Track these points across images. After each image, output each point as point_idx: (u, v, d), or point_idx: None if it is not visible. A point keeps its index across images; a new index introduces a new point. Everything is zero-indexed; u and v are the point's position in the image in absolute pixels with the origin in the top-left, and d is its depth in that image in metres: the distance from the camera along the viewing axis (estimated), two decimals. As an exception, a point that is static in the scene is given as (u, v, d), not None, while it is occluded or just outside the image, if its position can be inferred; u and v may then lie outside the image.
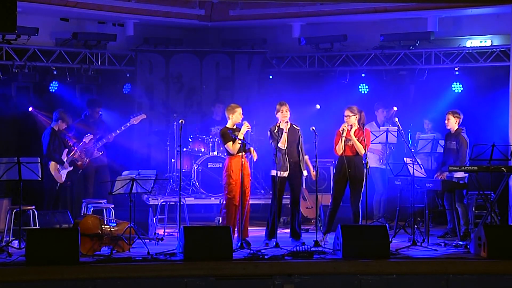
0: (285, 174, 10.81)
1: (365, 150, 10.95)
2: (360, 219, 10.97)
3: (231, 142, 10.71)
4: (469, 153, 11.33)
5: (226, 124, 10.95)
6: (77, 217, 10.93)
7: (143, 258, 9.58)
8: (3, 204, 12.78)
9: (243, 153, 10.72)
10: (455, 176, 11.36)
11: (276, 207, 10.78)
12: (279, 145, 10.71)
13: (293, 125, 10.96)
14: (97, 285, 9.01)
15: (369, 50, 14.50)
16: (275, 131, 10.81)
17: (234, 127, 10.86)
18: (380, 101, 13.35)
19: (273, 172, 10.81)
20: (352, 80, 14.47)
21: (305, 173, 11.02)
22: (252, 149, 10.90)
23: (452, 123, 11.60)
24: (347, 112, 11.04)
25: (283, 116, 10.82)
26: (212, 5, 14.80)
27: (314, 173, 11.13)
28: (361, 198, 10.97)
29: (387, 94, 14.34)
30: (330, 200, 11.11)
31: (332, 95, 14.37)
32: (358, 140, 10.91)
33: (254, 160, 11.06)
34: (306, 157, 11.10)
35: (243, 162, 10.66)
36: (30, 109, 13.49)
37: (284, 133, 10.73)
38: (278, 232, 10.79)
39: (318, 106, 14.42)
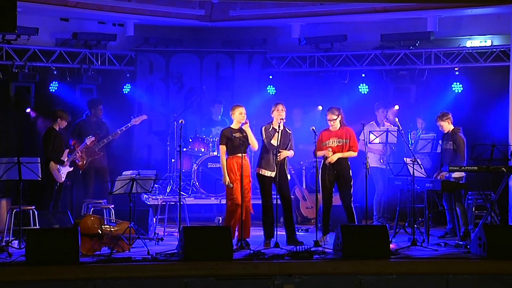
0: (272, 174, 10.79)
1: (352, 151, 10.95)
2: (355, 218, 10.96)
3: (224, 147, 10.70)
4: (467, 153, 11.34)
5: (229, 124, 10.99)
6: (77, 217, 10.92)
7: (143, 258, 9.59)
8: (3, 204, 12.77)
9: (244, 154, 10.72)
10: (452, 176, 11.35)
11: (266, 207, 10.82)
12: (272, 141, 10.71)
13: (286, 128, 10.95)
14: (97, 285, 9.01)
15: (369, 50, 14.50)
16: (269, 130, 10.82)
17: (238, 127, 10.86)
18: (380, 101, 13.35)
19: (259, 171, 10.84)
20: (352, 80, 14.47)
21: (288, 176, 11.00)
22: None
23: (445, 125, 11.60)
24: (330, 116, 11.00)
25: (278, 115, 10.80)
26: (212, 5, 14.80)
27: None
28: (352, 198, 10.97)
29: (387, 94, 14.35)
30: (321, 202, 11.07)
31: (332, 95, 14.36)
32: (345, 139, 10.92)
33: (254, 149, 10.99)
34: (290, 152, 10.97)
35: (242, 163, 10.67)
36: (28, 110, 13.50)
37: (276, 132, 10.72)
38: (277, 232, 10.78)
39: (320, 107, 14.39)
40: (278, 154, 10.70)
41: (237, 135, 10.70)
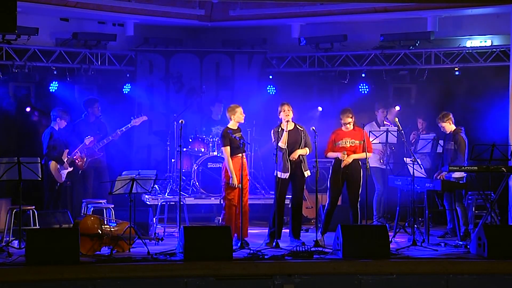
0: (286, 175, 10.78)
1: (367, 151, 10.93)
2: (359, 219, 10.97)
3: (228, 147, 10.70)
4: (468, 153, 11.34)
5: (227, 124, 10.97)
6: (77, 217, 10.93)
7: (143, 258, 9.58)
8: (3, 204, 12.77)
9: (243, 153, 10.73)
10: (453, 176, 11.36)
11: (278, 209, 10.77)
12: (280, 144, 10.70)
13: (297, 126, 10.93)
14: (97, 285, 9.01)
15: (369, 50, 14.50)
16: (278, 132, 10.80)
17: (236, 127, 10.86)
18: (380, 101, 13.35)
19: (276, 173, 10.80)
20: (352, 80, 14.47)
21: (307, 173, 10.97)
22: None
23: (447, 126, 11.60)
24: (346, 119, 11.01)
25: (285, 115, 10.80)
26: (212, 5, 14.80)
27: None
28: (359, 199, 10.98)
29: (387, 94, 14.35)
30: (327, 201, 11.10)
31: (332, 95, 14.36)
32: (359, 140, 10.92)
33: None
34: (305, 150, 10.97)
35: (242, 163, 10.68)
36: (28, 109, 13.50)
37: (284, 132, 10.72)
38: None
39: (320, 109, 14.38)
40: (291, 155, 10.70)
41: (237, 135, 10.70)
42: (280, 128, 10.81)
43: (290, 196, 11.13)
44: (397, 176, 11.47)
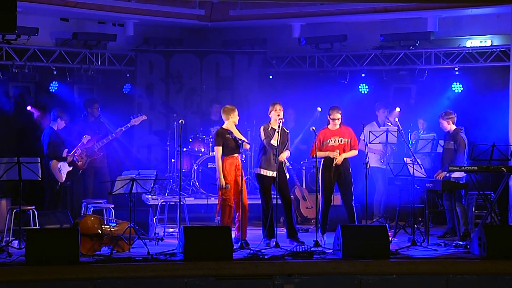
0: (274, 174, 10.79)
1: (356, 149, 10.94)
2: (355, 218, 10.97)
3: (221, 148, 10.71)
4: (468, 153, 11.34)
5: (222, 125, 10.97)
6: (77, 217, 10.93)
7: (143, 258, 9.59)
8: (3, 204, 12.77)
9: (238, 154, 10.74)
10: (452, 176, 11.35)
11: (267, 206, 10.80)
12: (272, 141, 10.72)
13: (284, 128, 10.95)
14: (97, 285, 9.01)
15: (369, 50, 14.50)
16: (268, 130, 10.83)
17: (234, 128, 10.85)
18: (381, 101, 13.35)
19: (260, 171, 10.84)
20: (352, 80, 14.47)
21: (287, 175, 11.01)
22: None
23: (446, 125, 11.61)
24: (335, 115, 10.99)
25: (277, 115, 10.81)
26: (212, 5, 14.81)
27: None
28: (353, 198, 10.99)
29: (387, 94, 14.35)
30: (321, 200, 11.07)
31: (332, 95, 14.35)
32: (347, 138, 10.96)
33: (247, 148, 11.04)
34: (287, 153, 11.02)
35: (237, 163, 10.70)
36: (29, 108, 13.51)
37: (276, 132, 10.72)
38: (277, 231, 10.77)
39: (319, 109, 14.37)
40: (281, 155, 10.71)
41: (235, 136, 10.71)
42: (270, 127, 10.83)
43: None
44: (397, 176, 11.46)
